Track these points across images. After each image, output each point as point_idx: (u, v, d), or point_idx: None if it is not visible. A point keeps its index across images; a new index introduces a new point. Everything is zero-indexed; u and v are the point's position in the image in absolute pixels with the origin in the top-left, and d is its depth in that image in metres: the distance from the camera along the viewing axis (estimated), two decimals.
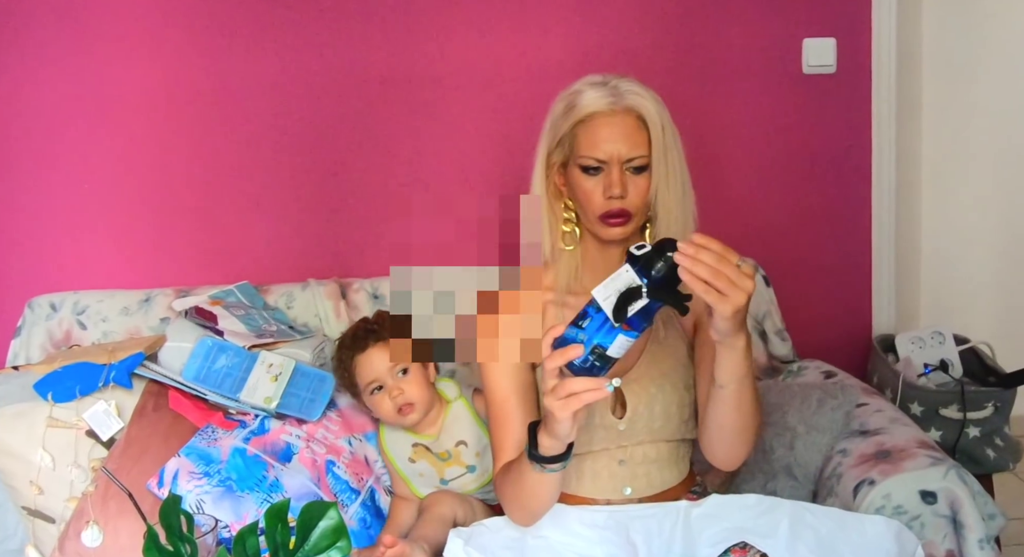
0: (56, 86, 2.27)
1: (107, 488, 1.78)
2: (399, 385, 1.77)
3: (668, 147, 1.48)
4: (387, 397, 1.78)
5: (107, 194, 2.31)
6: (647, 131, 1.47)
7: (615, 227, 1.50)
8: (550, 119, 1.53)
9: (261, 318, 2.06)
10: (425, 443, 1.82)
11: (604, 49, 2.28)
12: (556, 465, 1.38)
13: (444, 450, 1.81)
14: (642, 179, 1.48)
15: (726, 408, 1.43)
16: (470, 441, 1.81)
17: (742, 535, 1.46)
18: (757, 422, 1.49)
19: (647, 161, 1.48)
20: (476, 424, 1.82)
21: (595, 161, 1.48)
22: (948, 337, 2.22)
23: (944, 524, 1.55)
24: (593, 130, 1.47)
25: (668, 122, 1.49)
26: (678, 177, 1.50)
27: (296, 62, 2.27)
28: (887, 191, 2.35)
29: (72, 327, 2.17)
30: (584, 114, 1.48)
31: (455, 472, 1.80)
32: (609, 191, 1.47)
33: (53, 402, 1.85)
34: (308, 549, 1.10)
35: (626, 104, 1.47)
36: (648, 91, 1.49)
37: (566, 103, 1.51)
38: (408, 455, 1.83)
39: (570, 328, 1.29)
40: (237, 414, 1.89)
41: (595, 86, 1.49)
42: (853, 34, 2.31)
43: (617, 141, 1.46)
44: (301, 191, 2.31)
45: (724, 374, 1.38)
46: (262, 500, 1.74)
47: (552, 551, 1.51)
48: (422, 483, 1.83)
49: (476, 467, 1.80)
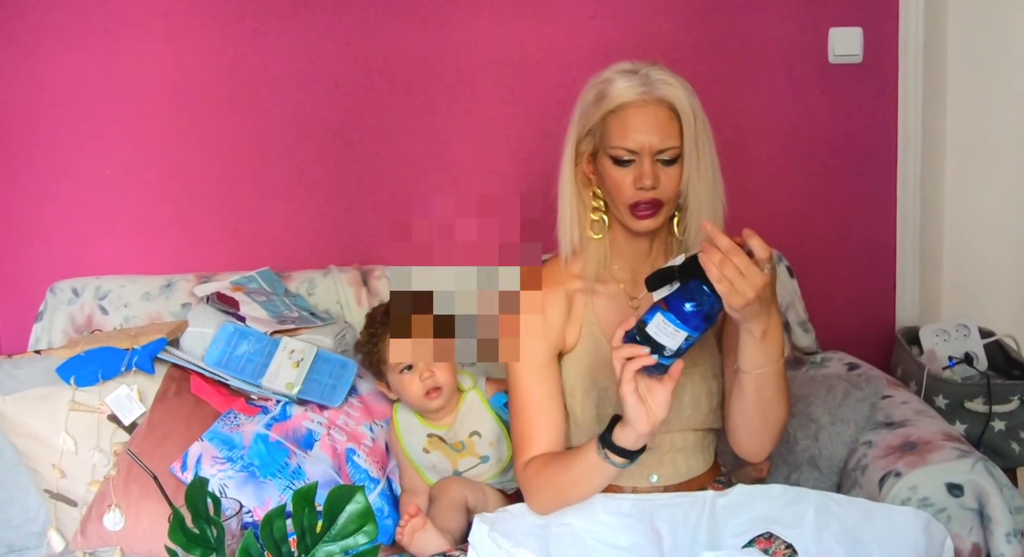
0: (79, 72, 2.27)
1: (129, 472, 1.78)
2: (430, 367, 1.76)
3: (700, 137, 1.46)
4: (416, 378, 1.76)
5: (129, 180, 2.31)
6: (679, 121, 1.45)
7: (645, 218, 1.48)
8: (579, 108, 1.51)
9: (282, 304, 2.06)
10: (440, 433, 1.82)
11: (628, 37, 2.26)
12: (622, 460, 1.40)
13: (458, 441, 1.80)
14: (673, 170, 1.47)
15: (748, 394, 1.45)
16: (484, 431, 1.80)
17: (767, 525, 1.45)
18: (782, 413, 1.49)
19: (679, 152, 1.46)
20: (489, 414, 1.81)
21: (626, 152, 1.46)
22: (973, 330, 2.20)
23: (971, 517, 1.54)
24: (624, 121, 1.45)
25: (699, 111, 1.47)
26: (709, 167, 1.48)
27: (319, 49, 2.27)
28: (912, 182, 2.32)
29: (94, 312, 2.18)
30: (615, 104, 1.46)
31: (469, 463, 1.80)
32: (640, 182, 1.45)
33: (76, 386, 1.86)
34: (335, 533, 1.10)
35: (658, 94, 1.45)
36: (679, 79, 1.47)
37: (596, 92, 1.48)
38: (423, 445, 1.82)
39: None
40: (259, 400, 1.89)
41: (626, 74, 1.47)
42: (880, 24, 2.29)
43: (649, 132, 1.44)
44: (322, 177, 2.31)
45: (745, 360, 1.41)
46: (284, 486, 1.74)
47: (576, 539, 1.51)
48: (435, 475, 1.81)
49: (490, 457, 1.79)
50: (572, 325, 1.58)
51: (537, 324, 1.56)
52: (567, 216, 1.54)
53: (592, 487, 1.48)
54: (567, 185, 1.53)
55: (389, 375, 1.80)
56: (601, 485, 1.47)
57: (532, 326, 1.55)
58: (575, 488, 1.48)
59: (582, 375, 1.57)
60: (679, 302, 1.30)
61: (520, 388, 1.57)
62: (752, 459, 1.56)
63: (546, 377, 1.56)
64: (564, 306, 1.58)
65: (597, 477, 1.45)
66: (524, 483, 1.55)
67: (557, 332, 1.57)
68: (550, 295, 1.57)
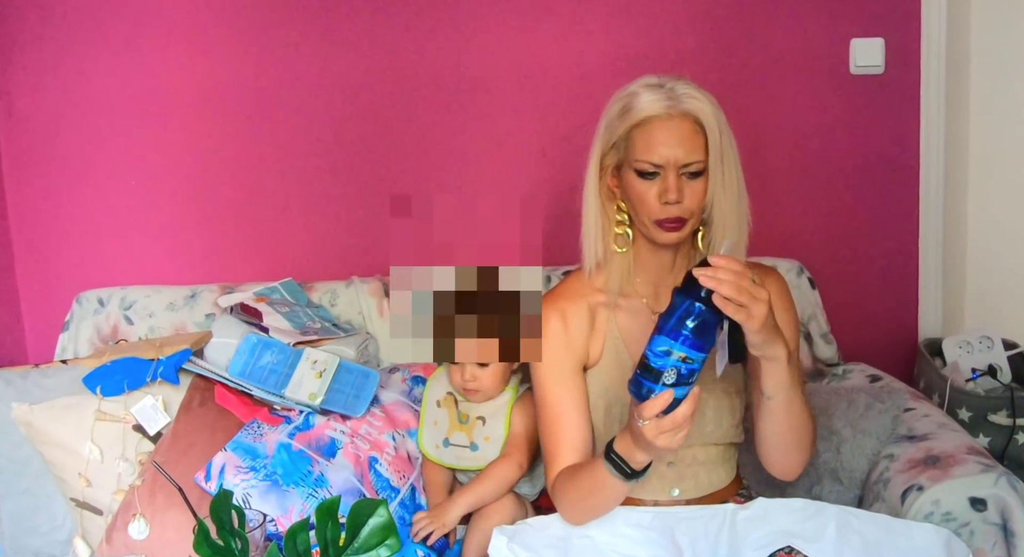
0: (106, 83, 2.30)
1: (154, 481, 1.80)
2: (475, 373, 1.76)
3: (725, 151, 1.46)
4: (459, 373, 1.77)
5: (154, 191, 2.34)
6: (704, 135, 1.45)
7: (670, 232, 1.48)
8: (604, 120, 1.51)
9: (305, 315, 2.07)
10: (457, 396, 1.83)
11: (649, 48, 2.27)
12: (640, 477, 1.41)
13: (466, 413, 1.81)
14: (698, 184, 1.46)
15: (778, 418, 1.44)
16: (490, 425, 1.79)
17: (788, 539, 1.45)
18: (811, 429, 1.49)
19: (704, 166, 1.46)
20: (505, 419, 1.80)
21: (651, 166, 1.45)
22: (997, 341, 2.18)
23: (994, 532, 1.53)
24: (649, 134, 1.45)
25: (725, 125, 1.46)
26: (734, 181, 1.47)
27: (342, 61, 2.29)
28: (935, 193, 2.31)
29: (119, 322, 2.20)
30: (640, 118, 1.45)
31: (460, 439, 1.80)
32: (665, 196, 1.45)
33: (102, 396, 1.88)
34: (357, 546, 1.11)
35: (683, 108, 1.44)
36: (704, 94, 1.46)
37: (622, 105, 1.48)
38: (439, 398, 1.84)
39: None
40: (282, 410, 1.90)
41: (651, 88, 1.46)
42: (902, 34, 2.28)
43: (674, 146, 1.44)
44: (345, 188, 2.33)
45: (771, 385, 1.40)
46: (307, 495, 1.75)
47: (597, 551, 1.51)
48: (430, 433, 1.83)
49: (478, 448, 1.79)
50: (595, 339, 1.58)
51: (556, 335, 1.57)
52: (591, 229, 1.54)
53: (610, 500, 1.48)
54: (591, 198, 1.53)
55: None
56: (618, 498, 1.48)
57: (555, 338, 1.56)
58: (606, 505, 1.49)
59: (604, 390, 1.57)
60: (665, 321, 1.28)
61: (547, 401, 1.57)
62: (787, 478, 1.56)
63: (572, 389, 1.56)
64: (587, 319, 1.58)
65: (618, 496, 1.46)
66: (554, 497, 1.55)
67: (581, 345, 1.58)
68: (573, 308, 1.58)
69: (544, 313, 1.60)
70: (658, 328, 1.29)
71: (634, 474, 1.39)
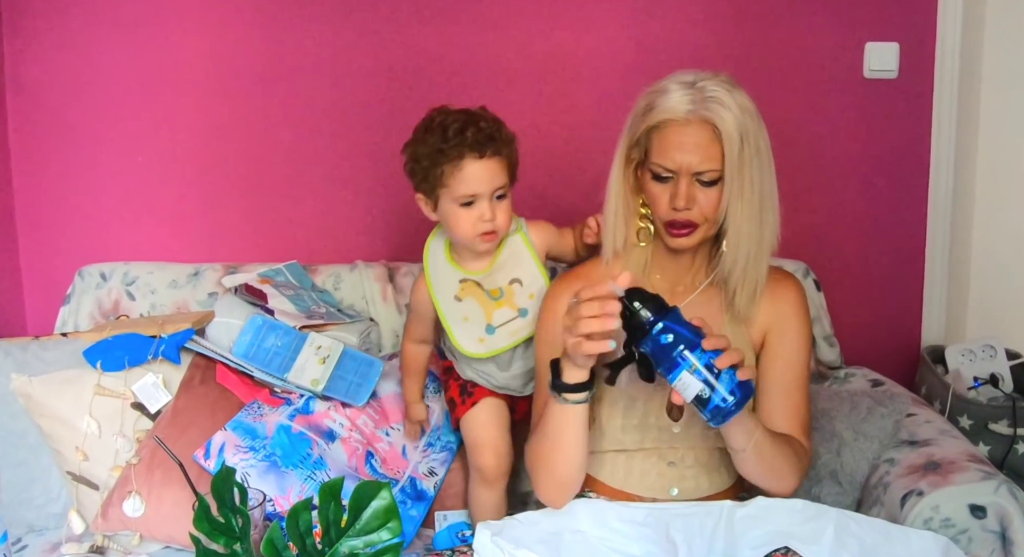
0: (114, 60, 2.29)
1: (152, 457, 1.79)
2: (494, 208, 1.62)
3: (746, 161, 1.41)
4: (475, 216, 1.61)
5: (160, 167, 2.33)
6: (722, 144, 1.41)
7: (679, 237, 1.47)
8: (632, 115, 1.48)
9: (310, 299, 2.06)
10: (475, 278, 1.69)
11: (664, 47, 2.26)
12: (578, 395, 1.39)
13: (496, 287, 1.68)
14: (713, 191, 1.43)
15: (754, 463, 1.46)
16: (525, 280, 1.68)
17: (785, 540, 1.44)
18: (791, 460, 1.49)
19: (719, 174, 1.42)
20: (533, 261, 1.69)
21: (664, 170, 1.44)
22: (1000, 351, 2.18)
23: (992, 540, 1.53)
24: (666, 138, 1.43)
25: (752, 133, 1.42)
26: (756, 191, 1.44)
27: (353, 46, 2.28)
28: (943, 200, 2.31)
29: (121, 297, 2.19)
30: (658, 120, 1.43)
31: (505, 315, 1.67)
32: (674, 202, 1.43)
33: (102, 370, 1.87)
34: (359, 528, 1.10)
35: (704, 114, 1.40)
36: (734, 97, 1.41)
37: (647, 102, 1.45)
38: (455, 292, 1.69)
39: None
40: (282, 392, 1.90)
41: (682, 87, 1.42)
42: (917, 40, 2.27)
43: (688, 152, 1.41)
44: (353, 172, 2.32)
45: (738, 440, 1.41)
46: (306, 476, 1.75)
47: (589, 546, 1.49)
48: (466, 330, 1.68)
49: (528, 311, 1.67)
50: None
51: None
52: (611, 220, 1.53)
53: (570, 444, 1.45)
54: (615, 189, 1.52)
55: (444, 199, 1.63)
56: (577, 435, 1.44)
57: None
58: (561, 451, 1.46)
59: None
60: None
61: (542, 376, 1.58)
62: (786, 496, 1.54)
63: None
64: None
65: (569, 426, 1.43)
66: (527, 468, 1.55)
67: None
68: None
69: (556, 292, 1.59)
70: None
71: (564, 387, 1.38)
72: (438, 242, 1.74)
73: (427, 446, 1.93)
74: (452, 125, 1.60)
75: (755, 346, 1.58)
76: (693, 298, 1.56)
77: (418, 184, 1.66)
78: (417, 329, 1.80)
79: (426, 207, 1.69)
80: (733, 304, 1.54)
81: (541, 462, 1.50)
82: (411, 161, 1.65)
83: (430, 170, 1.61)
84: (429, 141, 1.61)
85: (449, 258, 1.72)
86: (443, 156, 1.59)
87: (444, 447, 1.94)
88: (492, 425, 1.77)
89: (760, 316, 1.56)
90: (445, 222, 1.66)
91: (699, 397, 1.29)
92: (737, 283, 1.51)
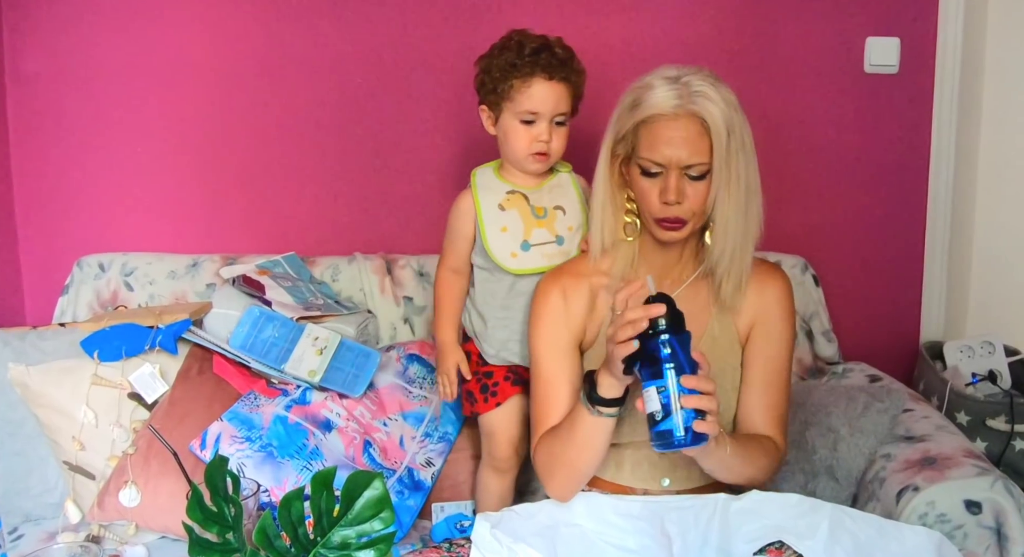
0: (114, 50, 2.29)
1: (149, 448, 1.79)
2: (551, 131, 1.68)
3: (733, 154, 1.42)
4: (532, 134, 1.68)
5: (159, 159, 2.33)
6: (710, 137, 1.42)
7: (669, 231, 1.48)
8: (617, 111, 1.49)
9: (308, 291, 2.06)
10: (524, 191, 1.73)
11: (662, 39, 2.25)
12: (612, 410, 1.42)
13: (541, 206, 1.73)
14: (701, 185, 1.44)
15: (724, 475, 1.50)
16: (568, 210, 1.73)
17: (780, 534, 1.45)
18: (759, 462, 1.52)
19: (707, 168, 1.43)
20: (577, 198, 1.73)
21: (654, 164, 1.44)
22: (998, 347, 2.18)
23: (988, 535, 1.52)
24: (654, 133, 1.43)
25: (738, 127, 1.43)
26: (741, 184, 1.44)
27: (354, 37, 2.27)
28: (943, 195, 2.30)
29: (119, 288, 2.19)
30: (646, 115, 1.43)
31: (543, 236, 1.70)
32: (664, 196, 1.44)
33: (99, 360, 1.87)
34: (351, 518, 1.10)
35: (691, 108, 1.41)
36: (720, 91, 1.42)
37: (633, 97, 1.46)
38: (500, 201, 1.73)
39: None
40: (279, 383, 1.90)
41: (667, 82, 1.43)
42: (918, 34, 2.26)
43: (677, 147, 1.42)
44: (352, 163, 2.32)
45: (708, 464, 1.46)
46: (302, 467, 1.75)
47: (585, 540, 1.50)
48: (502, 241, 1.70)
49: (564, 240, 1.71)
50: (592, 322, 1.58)
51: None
52: (598, 215, 1.54)
53: (599, 448, 1.48)
54: (601, 185, 1.53)
55: (506, 113, 1.70)
56: (606, 442, 1.47)
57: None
58: (585, 453, 1.48)
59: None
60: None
61: (541, 374, 1.59)
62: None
63: (566, 365, 1.57)
64: (587, 300, 1.58)
65: (598, 435, 1.46)
66: (538, 466, 1.56)
67: (579, 324, 1.58)
68: (575, 286, 1.58)
69: (546, 287, 1.60)
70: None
71: (600, 401, 1.41)
72: (486, 167, 1.80)
73: (424, 436, 1.93)
74: (529, 45, 1.68)
75: (741, 338, 1.59)
76: (681, 291, 1.56)
77: (485, 96, 1.72)
78: (452, 253, 1.80)
79: (488, 121, 1.75)
80: (719, 295, 1.55)
81: (560, 464, 1.51)
82: (483, 72, 1.71)
83: (500, 82, 1.68)
84: (504, 56, 1.68)
85: (498, 174, 1.77)
86: (515, 71, 1.66)
87: (442, 438, 1.94)
88: (514, 422, 1.80)
89: (748, 307, 1.57)
90: (503, 136, 1.72)
91: (652, 416, 1.31)
92: (723, 274, 1.52)
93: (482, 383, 1.79)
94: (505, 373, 1.78)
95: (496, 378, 1.78)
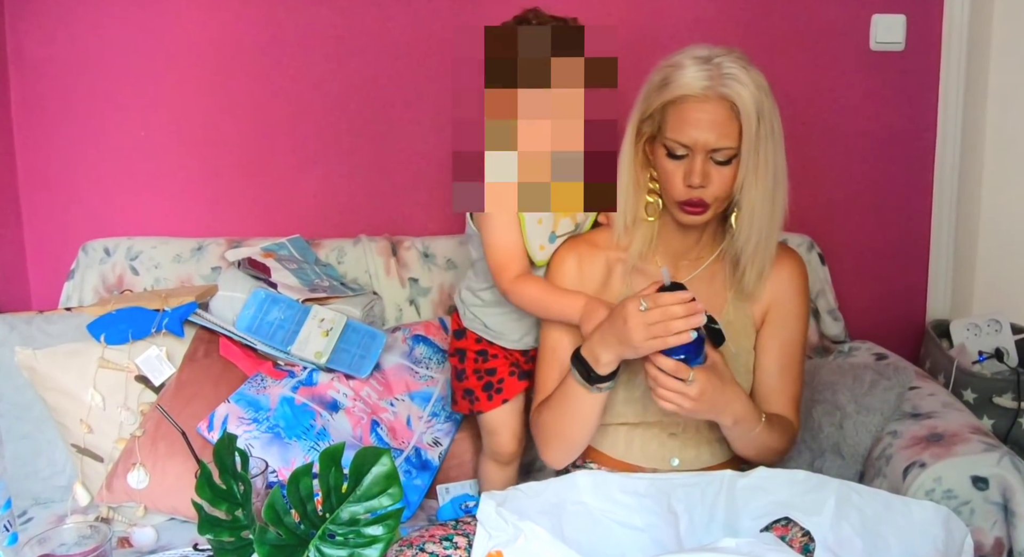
0: (117, 33, 2.28)
1: (157, 429, 1.80)
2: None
3: (762, 139, 1.40)
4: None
5: (164, 142, 2.33)
6: (739, 122, 1.39)
7: (691, 215, 1.46)
8: (645, 89, 1.46)
9: (313, 273, 2.06)
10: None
11: (668, 18, 2.24)
12: (608, 383, 1.46)
13: None
14: (727, 170, 1.42)
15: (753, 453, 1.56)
16: None
17: (786, 511, 1.44)
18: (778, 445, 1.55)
19: (735, 152, 1.41)
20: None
21: (680, 146, 1.42)
22: (1005, 325, 2.18)
23: (994, 511, 1.52)
24: (682, 114, 1.40)
25: (767, 112, 1.40)
26: (769, 170, 1.43)
27: (357, 18, 2.26)
28: (949, 173, 2.29)
29: (125, 272, 2.20)
30: (675, 95, 1.40)
31: (566, 226, 1.67)
32: (689, 179, 1.42)
33: (106, 344, 1.88)
34: (360, 494, 1.10)
35: (721, 91, 1.38)
36: (751, 75, 1.39)
37: (663, 76, 1.43)
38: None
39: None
40: (286, 365, 1.90)
41: (697, 62, 1.40)
42: (924, 11, 2.25)
43: (705, 130, 1.39)
44: (356, 146, 2.31)
45: (739, 440, 1.51)
46: (309, 448, 1.76)
47: (591, 518, 1.50)
48: (537, 232, 1.64)
49: (583, 227, 1.68)
50: (607, 295, 1.57)
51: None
52: (622, 193, 1.52)
53: (593, 421, 1.51)
54: (626, 163, 1.51)
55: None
56: (599, 414, 1.51)
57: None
58: (579, 425, 1.52)
59: None
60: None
61: (547, 340, 1.60)
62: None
63: (574, 333, 1.56)
64: (602, 271, 1.58)
65: (594, 408, 1.49)
66: (535, 432, 1.59)
67: (590, 292, 1.57)
68: (591, 256, 1.58)
69: (562, 254, 1.60)
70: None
71: (597, 378, 1.43)
72: None
73: (432, 416, 1.93)
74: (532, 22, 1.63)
75: (756, 322, 1.59)
76: (697, 274, 1.55)
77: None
78: (513, 260, 1.65)
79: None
80: (741, 282, 1.54)
81: (553, 433, 1.54)
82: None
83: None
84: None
85: None
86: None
87: (448, 417, 1.94)
88: (515, 417, 1.79)
89: (764, 294, 1.56)
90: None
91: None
92: (748, 262, 1.51)
93: (485, 380, 1.77)
94: (509, 368, 1.77)
95: (500, 374, 1.76)
